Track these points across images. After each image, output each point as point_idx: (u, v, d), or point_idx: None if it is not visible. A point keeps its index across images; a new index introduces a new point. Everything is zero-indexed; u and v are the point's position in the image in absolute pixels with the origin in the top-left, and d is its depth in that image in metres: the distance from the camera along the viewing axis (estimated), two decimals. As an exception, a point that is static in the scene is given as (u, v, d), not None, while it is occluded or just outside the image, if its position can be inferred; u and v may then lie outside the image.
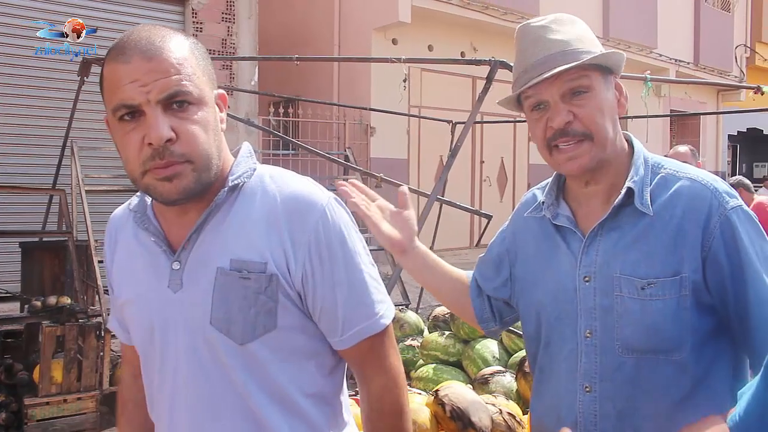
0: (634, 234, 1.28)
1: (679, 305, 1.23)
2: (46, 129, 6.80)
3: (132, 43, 1.05)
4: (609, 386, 1.29)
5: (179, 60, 1.06)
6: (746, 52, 16.64)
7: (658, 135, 14.44)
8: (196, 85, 1.07)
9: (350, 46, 10.02)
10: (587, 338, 1.32)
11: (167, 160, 1.04)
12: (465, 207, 4.05)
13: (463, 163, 10.85)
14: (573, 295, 1.34)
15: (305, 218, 1.12)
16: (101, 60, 3.63)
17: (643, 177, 1.30)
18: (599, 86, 1.29)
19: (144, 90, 1.03)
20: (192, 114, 1.06)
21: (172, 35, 1.09)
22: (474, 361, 3.05)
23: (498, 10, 10.51)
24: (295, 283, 1.12)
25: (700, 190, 1.26)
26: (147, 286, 1.17)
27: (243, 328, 1.10)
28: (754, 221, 1.26)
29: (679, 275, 1.23)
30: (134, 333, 1.23)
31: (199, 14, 8.10)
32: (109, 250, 1.28)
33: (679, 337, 1.24)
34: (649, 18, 13.54)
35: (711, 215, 1.23)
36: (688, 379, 1.25)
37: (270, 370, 1.12)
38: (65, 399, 3.81)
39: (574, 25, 1.33)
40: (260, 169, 1.19)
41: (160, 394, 1.19)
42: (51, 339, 3.78)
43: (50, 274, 4.79)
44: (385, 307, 1.20)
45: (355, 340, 1.16)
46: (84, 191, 4.66)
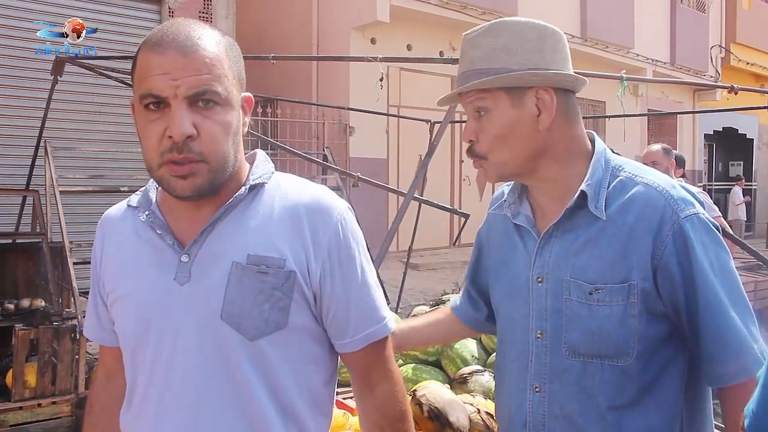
0: (586, 237, 1.27)
1: (626, 312, 1.22)
2: (19, 129, 6.69)
3: (171, 35, 1.06)
4: (557, 388, 1.30)
5: (213, 59, 1.07)
6: (721, 53, 16.84)
7: (636, 134, 14.57)
8: (225, 87, 1.08)
9: (329, 46, 10.00)
10: (538, 339, 1.32)
11: (185, 155, 1.05)
12: (443, 206, 4.05)
13: (442, 163, 10.87)
14: (527, 295, 1.34)
15: (327, 219, 1.15)
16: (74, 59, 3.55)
17: (600, 180, 1.28)
18: (501, 106, 1.27)
19: (174, 84, 1.04)
20: (216, 114, 1.07)
21: (211, 33, 1.10)
22: (453, 361, 3.05)
23: (476, 9, 10.54)
24: (312, 283, 1.14)
25: (654, 196, 1.24)
26: (148, 279, 1.14)
27: (255, 324, 1.10)
28: (709, 228, 1.23)
29: (628, 282, 1.22)
30: (125, 329, 1.19)
31: (175, 13, 8.03)
32: (98, 249, 1.26)
33: (625, 343, 1.23)
34: (626, 18, 13.65)
35: (663, 223, 1.21)
36: (634, 386, 1.25)
37: (275, 370, 1.13)
38: (39, 403, 3.74)
39: (498, 37, 1.28)
40: (277, 175, 1.22)
41: (147, 392, 1.15)
42: (24, 342, 3.71)
43: (24, 277, 4.70)
44: (389, 313, 1.24)
45: (363, 343, 1.19)
46: (58, 192, 4.59)
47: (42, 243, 4.47)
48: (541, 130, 1.28)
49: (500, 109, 1.28)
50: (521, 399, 1.35)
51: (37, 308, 4.05)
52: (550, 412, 1.31)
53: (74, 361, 3.88)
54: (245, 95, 1.17)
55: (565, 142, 1.31)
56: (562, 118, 1.30)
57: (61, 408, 3.81)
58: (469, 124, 1.33)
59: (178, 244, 1.14)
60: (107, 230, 1.26)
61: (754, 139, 18.78)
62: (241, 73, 1.15)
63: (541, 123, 1.27)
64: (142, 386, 1.16)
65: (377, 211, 9.41)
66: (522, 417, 1.35)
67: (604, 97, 12.67)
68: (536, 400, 1.32)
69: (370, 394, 1.22)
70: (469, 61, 1.31)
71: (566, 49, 1.33)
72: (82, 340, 3.90)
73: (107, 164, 7.14)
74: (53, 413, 3.78)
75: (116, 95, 6.93)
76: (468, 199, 11.45)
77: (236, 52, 1.15)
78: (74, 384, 3.87)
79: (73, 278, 4.14)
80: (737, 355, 1.17)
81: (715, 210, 4.20)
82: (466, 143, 1.34)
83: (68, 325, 3.94)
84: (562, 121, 1.30)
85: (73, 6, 7.12)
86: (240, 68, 1.15)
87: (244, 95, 1.16)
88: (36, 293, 4.44)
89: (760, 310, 7.12)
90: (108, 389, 1.31)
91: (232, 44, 1.14)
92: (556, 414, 1.30)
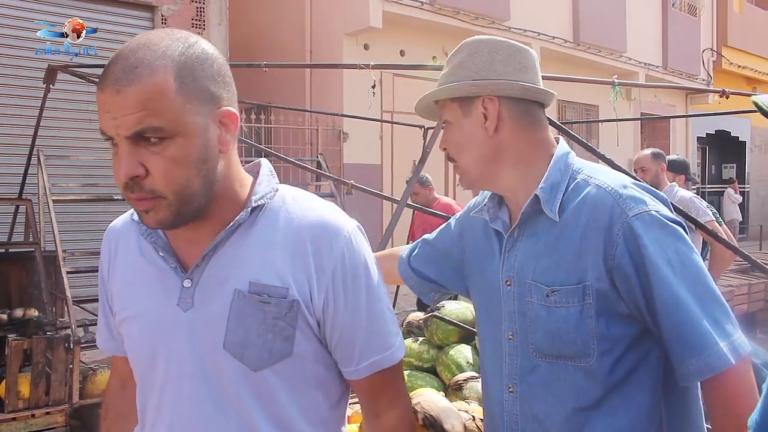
0: (546, 241, 1.30)
1: (583, 313, 1.24)
2: (12, 137, 6.68)
3: (111, 68, 0.99)
4: (526, 388, 1.33)
5: (150, 92, 0.97)
6: (713, 56, 16.93)
7: (629, 138, 14.62)
8: (169, 119, 0.98)
9: (322, 52, 10.01)
10: (510, 340, 1.36)
11: (137, 194, 1.00)
12: (435, 213, 4.06)
13: (436, 167, 10.86)
14: (499, 298, 1.38)
15: (331, 244, 1.10)
16: (67, 67, 3.54)
17: (557, 182, 1.31)
18: (456, 116, 1.39)
19: (114, 124, 0.98)
20: (166, 149, 0.98)
21: (158, 56, 0.99)
22: (448, 367, 3.04)
23: (469, 15, 10.56)
24: (315, 311, 1.09)
25: (602, 197, 1.25)
26: (152, 303, 1.11)
27: (259, 354, 1.06)
28: (664, 224, 1.22)
29: (582, 284, 1.24)
30: (133, 352, 1.18)
31: (168, 21, 8.03)
32: (107, 262, 1.23)
33: (584, 344, 1.24)
34: (618, 23, 13.70)
35: (613, 223, 1.22)
36: (599, 387, 1.25)
37: (279, 399, 1.09)
38: (33, 414, 3.72)
39: (459, 55, 1.41)
40: (282, 190, 1.16)
41: (158, 415, 1.14)
42: (18, 353, 3.69)
43: (17, 286, 4.68)
44: (399, 340, 1.19)
45: (369, 371, 1.15)
46: (51, 201, 4.58)
47: (35, 252, 4.45)
48: (491, 136, 1.35)
49: (455, 119, 1.39)
50: (500, 398, 1.38)
51: (31, 318, 4.03)
52: (521, 412, 1.34)
53: (68, 371, 3.86)
54: (225, 110, 1.06)
55: (520, 147, 1.36)
56: (514, 124, 1.35)
57: (55, 418, 3.79)
58: (442, 134, 1.45)
59: (181, 268, 1.10)
60: (114, 244, 1.23)
61: (747, 141, 18.87)
62: (209, 89, 1.03)
63: (487, 129, 1.35)
64: (153, 408, 1.15)
65: (372, 217, 9.40)
66: (501, 416, 1.38)
67: (597, 101, 12.70)
68: (510, 400, 1.36)
69: (376, 422, 1.19)
70: (440, 78, 1.44)
71: (525, 61, 1.38)
72: (76, 350, 3.88)
73: (100, 172, 7.12)
74: (47, 424, 3.76)
75: (109, 103, 6.93)
76: (461, 202, 11.45)
77: (199, 65, 1.02)
78: (68, 394, 3.85)
79: (66, 287, 4.12)
80: (698, 352, 1.16)
81: (709, 215, 4.18)
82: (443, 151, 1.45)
83: (62, 334, 3.92)
84: (515, 127, 1.35)
85: (65, 14, 7.10)
86: (206, 83, 1.03)
87: (224, 110, 1.06)
88: (29, 303, 4.42)
89: (754, 312, 7.13)
90: (123, 396, 1.31)
91: (191, 59, 1.02)
92: (527, 414, 1.33)
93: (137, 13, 7.93)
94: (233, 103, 1.09)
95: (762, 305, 7.32)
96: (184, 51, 1.01)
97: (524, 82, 1.35)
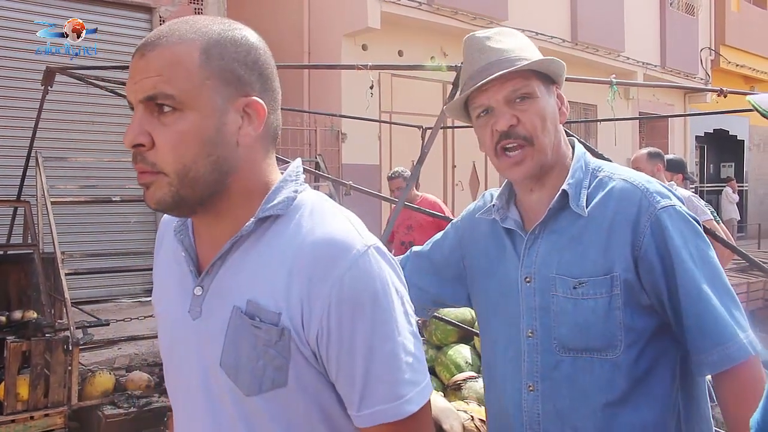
0: (570, 235, 1.32)
1: (611, 304, 1.26)
2: (10, 139, 6.67)
3: (148, 36, 0.98)
4: (549, 385, 1.32)
5: (170, 59, 0.94)
6: (711, 55, 16.93)
7: (627, 137, 14.62)
8: (182, 89, 0.94)
9: (320, 53, 10.00)
10: (529, 338, 1.35)
11: (139, 165, 0.96)
12: (434, 214, 4.06)
13: (435, 168, 10.87)
14: (517, 296, 1.38)
15: (331, 266, 0.94)
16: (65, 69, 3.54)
17: (580, 180, 1.35)
18: (541, 93, 1.34)
19: (134, 88, 0.96)
20: (174, 121, 0.94)
21: (190, 27, 0.98)
22: (447, 367, 3.05)
23: (467, 15, 10.56)
24: (309, 341, 0.96)
25: (630, 190, 1.29)
26: (172, 305, 1.09)
27: (251, 379, 0.97)
28: (687, 219, 1.27)
29: (610, 275, 1.26)
30: (160, 343, 1.16)
31: (166, 21, 8.01)
32: (156, 250, 1.21)
33: (612, 335, 1.26)
34: (616, 22, 13.70)
35: (641, 215, 1.26)
36: (624, 380, 1.27)
37: (273, 430, 0.98)
38: (32, 416, 3.73)
39: (515, 36, 1.38)
40: (304, 197, 1.04)
41: (183, 413, 1.10)
42: (16, 355, 3.70)
43: (16, 288, 4.68)
44: (416, 391, 0.97)
45: (372, 422, 0.97)
46: (50, 202, 4.58)
47: (34, 254, 4.45)
48: (559, 124, 1.37)
49: (540, 95, 1.34)
50: (518, 399, 1.37)
51: (29, 320, 4.03)
52: (543, 410, 1.33)
53: (67, 372, 3.86)
54: (251, 99, 1.00)
55: (563, 141, 1.40)
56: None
57: (54, 420, 3.79)
58: (503, 110, 1.33)
59: (196, 273, 1.05)
60: (162, 234, 1.21)
61: (745, 140, 18.87)
62: (237, 73, 0.99)
63: (563, 117, 1.38)
64: (178, 405, 1.13)
65: (371, 218, 9.40)
66: (519, 417, 1.37)
67: (595, 101, 12.70)
68: (530, 399, 1.35)
69: None
70: (499, 51, 1.34)
71: None
72: (75, 352, 3.88)
73: (99, 174, 7.12)
74: (46, 426, 3.76)
75: (107, 104, 6.93)
76: (461, 204, 11.45)
77: (232, 47, 0.99)
78: (67, 396, 3.85)
79: (65, 289, 4.13)
80: (719, 342, 1.20)
81: (707, 214, 4.19)
82: (503, 129, 1.33)
83: (60, 336, 3.92)
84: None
85: (62, 15, 7.10)
86: (235, 68, 0.98)
87: (251, 99, 1.00)
88: (28, 305, 4.42)
89: (753, 311, 7.14)
90: None
91: (226, 39, 0.99)
92: (550, 412, 1.32)
93: (135, 14, 7.92)
94: (270, 101, 1.04)
95: (761, 304, 7.34)
96: (221, 31, 1.00)
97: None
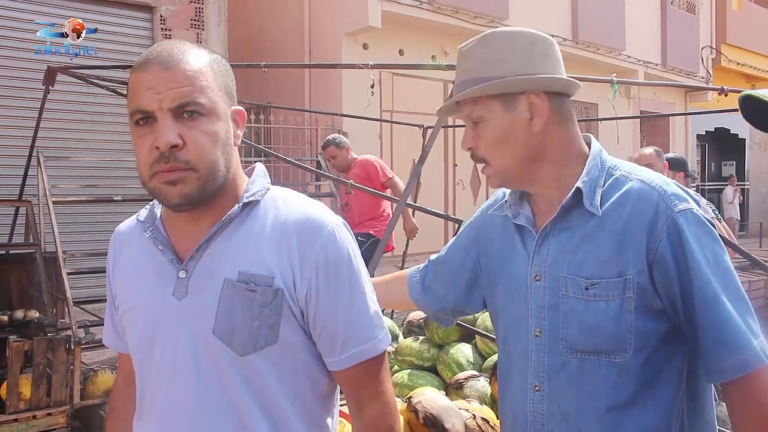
0: (582, 234, 1.29)
1: (623, 307, 1.24)
2: (11, 139, 6.68)
3: (154, 54, 1.11)
4: (555, 386, 1.31)
5: (195, 72, 1.10)
6: (712, 54, 16.92)
7: (629, 136, 14.61)
8: (209, 98, 1.11)
9: (321, 52, 10.01)
10: (537, 337, 1.34)
11: (171, 164, 1.08)
12: (435, 212, 4.04)
13: (436, 167, 10.88)
14: (526, 294, 1.36)
15: (314, 237, 1.16)
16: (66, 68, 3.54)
17: (595, 178, 1.31)
18: (494, 113, 1.32)
19: (158, 97, 1.08)
20: (201, 124, 1.10)
21: (193, 49, 1.14)
22: (449, 366, 3.04)
23: (468, 14, 10.56)
24: (299, 300, 1.15)
25: (647, 191, 1.26)
26: (151, 293, 1.19)
27: (245, 340, 1.13)
28: (704, 224, 1.24)
29: (623, 277, 1.23)
30: (132, 341, 1.25)
31: (167, 21, 8.02)
32: (112, 261, 1.32)
33: (622, 338, 1.24)
34: (617, 20, 13.70)
35: (658, 217, 1.23)
36: (631, 384, 1.25)
37: (266, 384, 1.15)
38: (34, 415, 3.72)
39: (489, 47, 1.33)
40: (273, 190, 1.24)
41: (153, 402, 1.21)
42: (19, 354, 3.70)
43: (18, 288, 4.68)
44: (384, 333, 1.22)
45: (351, 361, 1.18)
46: (51, 202, 4.58)
47: (36, 253, 4.45)
48: (535, 134, 1.31)
49: (493, 116, 1.32)
50: (523, 398, 1.36)
51: (31, 319, 4.03)
52: (548, 411, 1.32)
53: (69, 372, 3.86)
54: (236, 108, 1.20)
55: (561, 144, 1.34)
56: (555, 120, 1.33)
57: (56, 419, 3.79)
58: (466, 133, 1.38)
59: (177, 260, 1.18)
60: (119, 244, 1.31)
61: (746, 139, 18.87)
62: (229, 87, 1.18)
63: (534, 126, 1.31)
64: (149, 395, 1.22)
65: (372, 217, 9.39)
66: (524, 416, 1.36)
67: (596, 99, 12.71)
68: (536, 399, 1.34)
69: (358, 415, 1.22)
70: (463, 71, 1.36)
71: (557, 54, 1.36)
72: (77, 351, 3.88)
73: (100, 173, 7.13)
74: (48, 425, 3.76)
75: (109, 104, 6.93)
76: (462, 202, 11.46)
77: (223, 66, 1.18)
78: (69, 395, 3.85)
79: (67, 289, 4.13)
80: (735, 349, 1.17)
81: (709, 212, 4.20)
82: (466, 149, 1.39)
83: (63, 335, 3.92)
84: (555, 123, 1.33)
85: (63, 15, 7.11)
86: (228, 82, 1.18)
87: (235, 108, 1.19)
88: (30, 304, 4.41)
89: (756, 309, 7.12)
90: (128, 393, 1.35)
91: (217, 60, 1.18)
92: (554, 413, 1.31)
93: (137, 14, 7.92)
94: None
95: (762, 302, 7.32)
96: (208, 53, 1.17)
97: (565, 77, 1.34)
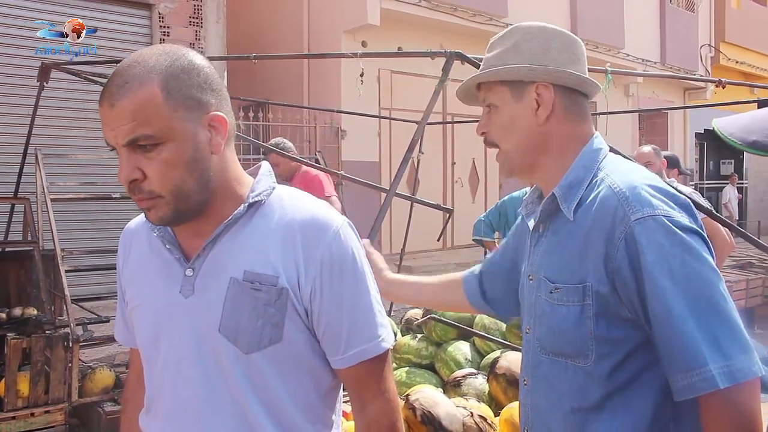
0: (559, 238, 1.30)
1: (582, 314, 1.22)
2: (9, 136, 6.67)
3: (108, 84, 1.11)
4: (534, 382, 1.36)
5: (138, 104, 1.08)
6: (711, 52, 16.93)
7: (627, 134, 14.62)
8: (159, 127, 1.09)
9: (320, 49, 10.00)
10: (527, 334, 1.39)
11: (138, 196, 1.12)
12: (425, 202, 4.04)
13: (435, 165, 10.88)
14: (524, 292, 1.42)
15: (319, 236, 1.17)
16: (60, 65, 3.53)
17: (578, 180, 1.30)
18: (505, 100, 1.36)
19: (113, 134, 1.10)
20: (159, 153, 1.10)
21: (143, 72, 1.10)
22: (446, 364, 3.04)
23: (467, 11, 10.57)
24: (303, 299, 1.16)
25: (608, 198, 1.21)
26: (158, 291, 1.22)
27: (250, 338, 1.15)
28: (671, 231, 1.14)
29: (583, 284, 1.22)
30: (140, 337, 1.28)
31: (166, 18, 8.01)
32: (122, 258, 1.35)
33: (582, 343, 1.23)
34: (616, 19, 13.70)
35: (615, 226, 1.17)
36: (598, 389, 1.23)
37: (269, 382, 1.17)
38: (32, 413, 3.71)
39: (510, 39, 1.38)
40: (279, 190, 1.25)
41: (159, 397, 1.23)
42: (17, 351, 3.69)
43: (16, 285, 4.67)
44: (387, 332, 1.23)
45: (355, 360, 1.19)
46: (49, 199, 4.57)
47: (34, 251, 4.44)
48: (540, 124, 1.33)
49: (504, 103, 1.36)
50: (521, 390, 1.43)
51: (29, 317, 4.02)
52: (531, 405, 1.37)
53: (67, 369, 3.85)
54: (212, 115, 1.15)
55: (562, 138, 1.34)
56: (562, 114, 1.34)
57: (54, 417, 3.78)
58: (482, 118, 1.41)
59: (184, 258, 1.20)
60: (128, 241, 1.34)
61: (745, 137, 18.87)
62: (196, 96, 1.13)
63: (538, 117, 1.33)
64: (156, 391, 1.25)
65: (369, 213, 9.39)
66: (522, 407, 1.43)
67: (595, 97, 12.69)
68: (524, 393, 1.40)
69: (361, 413, 1.23)
70: (485, 59, 1.41)
71: (578, 52, 1.38)
72: (75, 349, 3.88)
73: (98, 171, 7.11)
74: (46, 422, 3.76)
75: (107, 101, 6.91)
76: (460, 200, 11.47)
77: (185, 76, 1.12)
78: (67, 392, 3.85)
79: (65, 286, 4.12)
80: (684, 369, 1.11)
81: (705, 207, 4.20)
82: (480, 136, 1.43)
83: (61, 333, 3.91)
84: (562, 117, 1.34)
85: (63, 12, 7.10)
86: (192, 92, 1.12)
87: (211, 115, 1.15)
88: (28, 301, 4.41)
89: (752, 308, 7.14)
90: (140, 388, 1.37)
91: (178, 70, 1.12)
92: (535, 408, 1.36)
93: (135, 11, 7.91)
94: (223, 108, 1.19)
95: (760, 301, 7.34)
96: (171, 64, 1.12)
97: (580, 73, 1.34)
